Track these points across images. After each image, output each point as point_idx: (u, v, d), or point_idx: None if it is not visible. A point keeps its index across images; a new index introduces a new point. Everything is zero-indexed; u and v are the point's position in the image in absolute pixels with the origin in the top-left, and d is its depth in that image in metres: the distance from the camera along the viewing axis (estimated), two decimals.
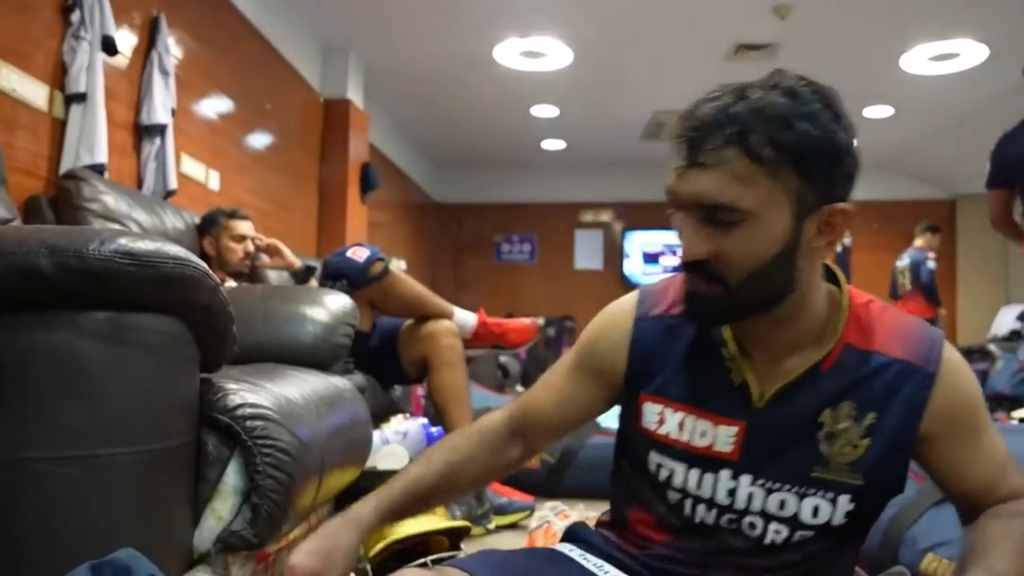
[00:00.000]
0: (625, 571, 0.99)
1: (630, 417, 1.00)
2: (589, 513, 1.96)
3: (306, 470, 1.15)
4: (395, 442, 2.20)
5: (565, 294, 8.14)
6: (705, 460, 0.93)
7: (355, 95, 5.00)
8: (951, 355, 0.93)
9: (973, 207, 8.00)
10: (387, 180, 5.88)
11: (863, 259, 8.10)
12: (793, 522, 0.91)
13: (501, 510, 2.33)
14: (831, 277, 0.95)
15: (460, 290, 8.03)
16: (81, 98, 2.44)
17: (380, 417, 2.34)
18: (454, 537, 1.69)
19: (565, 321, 7.72)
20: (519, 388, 5.83)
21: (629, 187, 8.18)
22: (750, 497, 0.92)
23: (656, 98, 5.94)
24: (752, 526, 0.92)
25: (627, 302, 1.03)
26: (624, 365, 0.99)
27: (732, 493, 0.92)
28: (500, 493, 2.36)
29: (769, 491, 0.91)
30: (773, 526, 0.92)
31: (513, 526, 2.33)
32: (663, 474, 0.95)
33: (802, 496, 0.91)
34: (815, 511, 0.91)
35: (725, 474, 0.92)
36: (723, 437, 0.92)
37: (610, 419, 1.18)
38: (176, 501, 1.01)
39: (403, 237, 7.05)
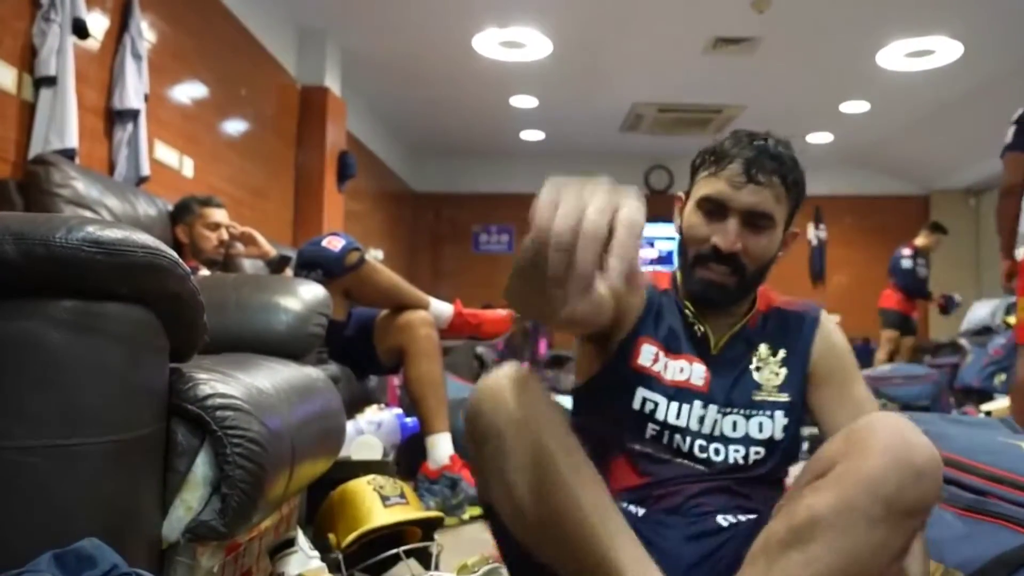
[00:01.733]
0: None
1: (622, 359, 1.24)
2: None
3: (277, 460, 1.14)
4: (369, 432, 2.20)
5: None
6: (683, 392, 1.21)
7: (332, 82, 4.95)
8: (827, 315, 1.32)
9: (947, 202, 8.11)
10: (364, 169, 5.84)
11: (837, 252, 8.19)
12: (745, 440, 1.20)
13: (476, 500, 2.34)
14: None
15: (438, 280, 8.01)
16: (51, 81, 2.40)
17: (355, 407, 2.33)
18: (427, 528, 1.70)
19: None
20: None
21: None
22: (715, 423, 1.20)
23: (635, 90, 5.96)
24: (717, 452, 1.19)
25: None
26: (640, 309, 1.26)
27: (702, 420, 1.20)
28: (474, 483, 2.36)
29: (725, 414, 1.20)
30: (732, 447, 1.19)
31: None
32: (648, 407, 1.20)
33: (748, 417, 1.21)
34: (760, 427, 1.20)
35: (697, 404, 1.20)
36: (697, 372, 1.23)
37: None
38: (144, 491, 1.00)
39: (380, 226, 7.02)
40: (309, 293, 1.70)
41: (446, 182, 8.35)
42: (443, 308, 2.57)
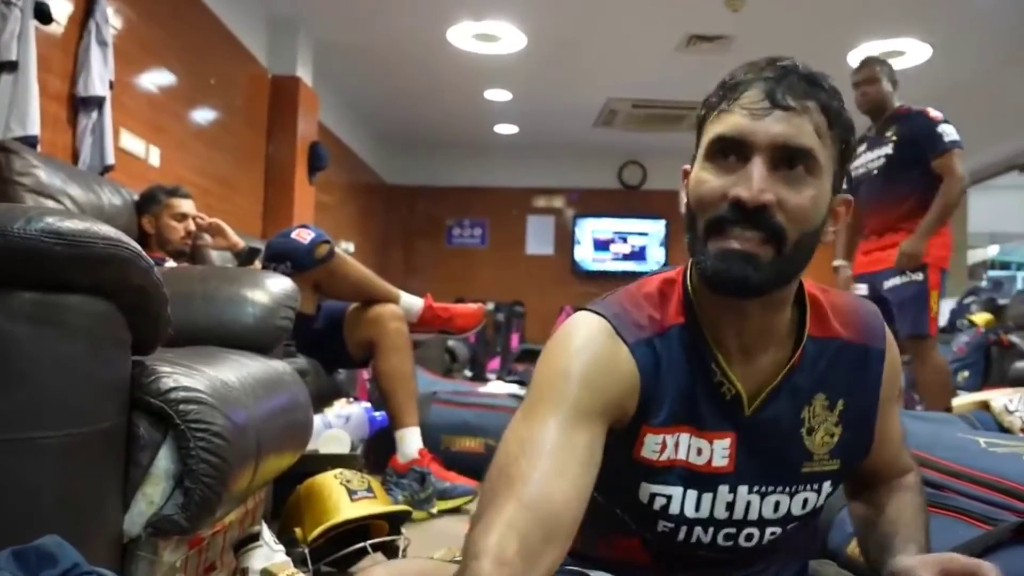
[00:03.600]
0: None
1: (619, 448, 0.88)
2: None
3: (241, 454, 1.13)
4: (337, 426, 2.20)
5: (516, 279, 8.16)
6: (703, 478, 0.89)
7: (304, 72, 4.91)
8: (891, 336, 0.96)
9: None
10: (336, 160, 5.80)
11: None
12: (785, 520, 0.92)
13: (444, 494, 2.34)
14: None
15: (410, 274, 7.98)
16: (12, 67, 2.35)
17: (323, 401, 2.32)
18: (395, 522, 1.69)
19: (515, 306, 7.75)
20: (467, 372, 5.84)
21: (581, 174, 8.22)
22: (748, 506, 0.90)
23: (609, 85, 5.97)
24: (749, 537, 0.92)
25: (602, 331, 0.87)
26: (636, 400, 0.87)
27: (730, 506, 0.90)
28: (443, 477, 2.37)
29: (764, 495, 0.90)
30: (769, 529, 0.92)
31: (456, 510, 2.34)
32: (658, 503, 0.89)
33: (793, 494, 0.91)
34: (804, 503, 0.92)
35: (723, 489, 0.89)
36: (719, 451, 0.89)
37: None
38: (105, 485, 0.99)
39: (351, 219, 6.97)
40: (276, 286, 1.68)
41: (419, 175, 8.32)
42: (413, 302, 2.56)
